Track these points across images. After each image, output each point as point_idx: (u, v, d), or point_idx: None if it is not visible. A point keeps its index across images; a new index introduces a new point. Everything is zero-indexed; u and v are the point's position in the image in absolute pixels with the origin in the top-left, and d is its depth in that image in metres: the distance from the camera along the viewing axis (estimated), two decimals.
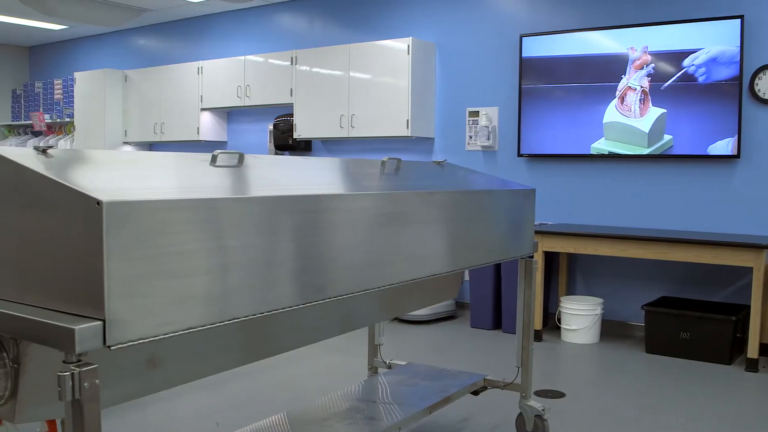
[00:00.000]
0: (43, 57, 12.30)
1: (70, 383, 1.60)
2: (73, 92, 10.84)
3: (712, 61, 6.06)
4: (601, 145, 6.61)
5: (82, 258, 1.67)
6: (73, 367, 1.62)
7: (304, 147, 8.53)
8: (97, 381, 1.64)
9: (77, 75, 10.47)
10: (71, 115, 10.89)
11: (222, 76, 8.91)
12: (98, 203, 1.63)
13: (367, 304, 3.49)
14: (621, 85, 6.49)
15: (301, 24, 8.74)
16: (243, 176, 2.31)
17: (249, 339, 2.77)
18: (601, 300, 6.42)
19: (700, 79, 6.09)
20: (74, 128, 10.64)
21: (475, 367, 5.39)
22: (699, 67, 6.10)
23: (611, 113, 6.55)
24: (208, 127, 9.27)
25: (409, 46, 7.33)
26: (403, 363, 4.36)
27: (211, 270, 1.91)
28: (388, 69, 7.49)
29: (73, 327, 1.60)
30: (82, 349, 1.61)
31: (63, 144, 10.94)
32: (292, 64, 8.23)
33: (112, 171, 2.01)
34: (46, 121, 11.36)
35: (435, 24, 7.67)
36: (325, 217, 2.33)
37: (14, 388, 1.93)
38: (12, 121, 12.25)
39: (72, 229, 1.69)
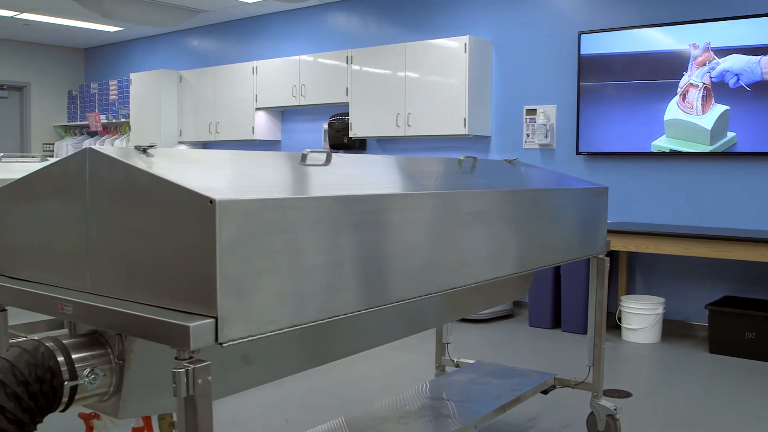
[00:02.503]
0: (98, 58, 12.49)
1: (185, 380, 1.62)
2: (127, 93, 10.99)
3: None
4: (662, 143, 6.53)
5: (193, 256, 1.69)
6: (186, 364, 1.64)
7: (359, 146, 8.55)
8: (209, 378, 1.66)
9: (133, 76, 10.60)
10: (126, 116, 11.04)
11: (277, 76, 8.97)
12: (211, 202, 1.65)
13: (436, 305, 3.49)
14: (682, 82, 6.41)
15: (356, 23, 8.76)
16: (335, 174, 2.32)
17: (326, 339, 2.78)
18: (662, 299, 6.35)
19: (766, 76, 5.99)
20: (130, 128, 10.78)
21: (538, 366, 5.36)
22: (763, 63, 5.99)
23: (672, 110, 6.46)
24: (262, 126, 9.34)
25: (465, 44, 7.31)
26: (472, 361, 4.35)
27: (317, 268, 1.92)
28: (444, 67, 7.48)
29: (188, 324, 1.62)
30: (196, 346, 1.63)
31: (119, 144, 11.09)
32: (347, 63, 8.25)
33: (212, 170, 2.04)
34: (102, 121, 11.52)
35: (491, 22, 7.64)
36: (416, 216, 2.34)
37: (119, 384, 1.96)
38: (68, 121, 12.45)
39: (183, 228, 1.71)
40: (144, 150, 2.00)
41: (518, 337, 6.43)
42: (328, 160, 2.43)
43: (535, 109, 7.33)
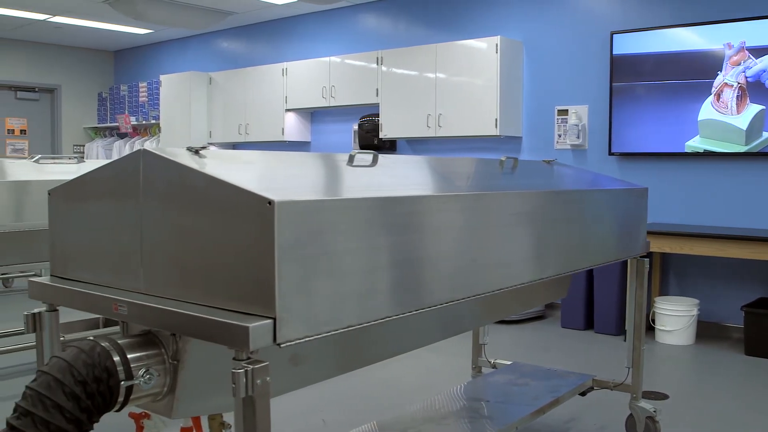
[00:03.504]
0: (127, 61, 12.58)
1: (244, 380, 1.63)
2: (157, 95, 11.07)
3: None
4: (696, 143, 6.48)
5: (251, 257, 1.70)
6: (245, 365, 1.64)
7: (389, 147, 8.56)
8: (268, 378, 1.66)
9: (163, 78, 10.67)
10: (156, 117, 11.11)
11: (306, 77, 8.99)
12: (270, 203, 1.65)
13: (476, 308, 3.48)
14: (717, 82, 6.35)
15: (386, 24, 8.76)
16: (382, 175, 2.33)
17: (366, 342, 2.78)
18: (696, 301, 6.29)
19: None
20: (159, 130, 10.85)
21: (572, 367, 5.33)
22: None
23: (707, 110, 6.41)
24: (292, 127, 9.37)
25: (497, 44, 7.29)
26: (508, 363, 4.34)
27: (370, 269, 1.93)
28: (475, 68, 7.46)
29: (248, 325, 1.62)
30: (255, 347, 1.64)
31: (149, 145, 11.14)
32: (377, 64, 8.26)
33: (263, 171, 2.04)
34: (132, 123, 11.61)
35: (522, 22, 7.61)
36: (463, 217, 2.33)
37: (172, 384, 1.98)
38: (98, 123, 12.55)
39: (241, 229, 1.72)
40: (196, 151, 2.01)
41: (551, 338, 6.40)
42: (374, 162, 2.43)
43: (567, 110, 7.30)
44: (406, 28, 8.57)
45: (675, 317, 6.19)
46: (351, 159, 2.35)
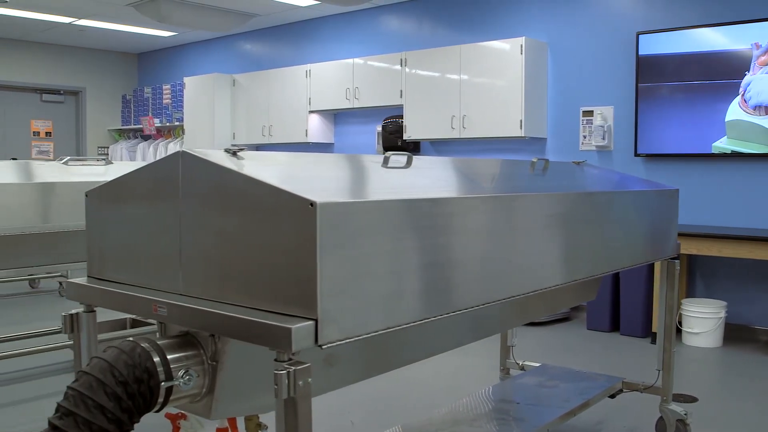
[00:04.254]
0: (151, 63, 12.66)
1: (286, 381, 1.63)
2: (180, 97, 11.12)
3: None
4: (723, 144, 6.43)
5: (292, 258, 1.70)
6: (287, 366, 1.65)
7: (413, 148, 8.55)
8: (309, 379, 1.66)
9: (187, 80, 10.72)
10: (180, 119, 11.17)
11: (330, 79, 9.01)
12: (312, 204, 1.66)
13: (506, 310, 3.47)
14: (744, 82, 6.30)
15: (410, 26, 8.76)
16: (417, 177, 2.32)
17: (396, 344, 2.78)
18: (724, 303, 6.24)
19: None
20: (183, 132, 10.91)
21: (598, 369, 5.30)
22: None
23: (734, 111, 6.36)
24: (315, 129, 9.39)
25: (521, 45, 7.28)
26: (537, 365, 4.32)
27: (408, 270, 1.92)
28: (499, 69, 7.45)
29: (290, 326, 1.63)
30: (297, 348, 1.64)
31: (173, 147, 11.21)
32: (401, 65, 8.26)
33: (300, 172, 2.05)
34: (156, 125, 11.67)
35: (546, 23, 7.59)
36: (498, 218, 2.33)
37: (211, 385, 1.98)
38: (122, 125, 12.64)
39: (282, 230, 1.72)
40: (234, 153, 2.02)
41: (577, 340, 6.38)
42: (409, 163, 2.43)
43: (592, 111, 7.27)
44: (430, 30, 8.56)
45: (702, 319, 6.14)
46: (386, 161, 2.35)
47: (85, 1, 8.96)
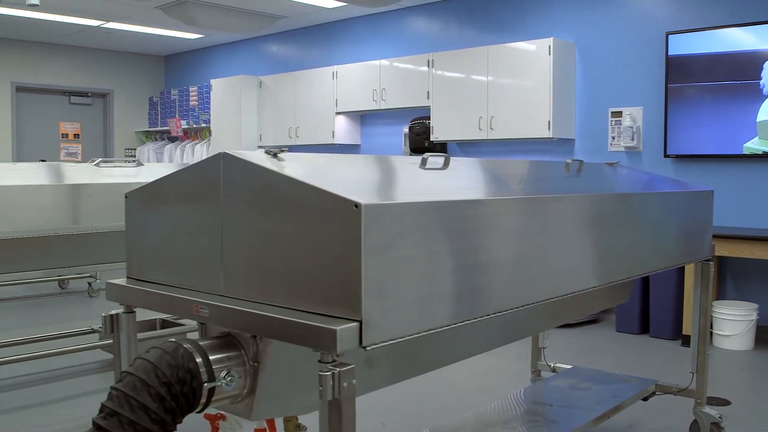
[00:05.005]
0: (178, 65, 12.73)
1: (331, 383, 1.63)
2: (207, 98, 11.18)
3: None
4: (755, 145, 6.37)
5: (336, 260, 1.70)
6: (331, 367, 1.65)
7: (439, 150, 8.54)
8: (354, 381, 1.66)
9: (213, 82, 10.78)
10: (207, 121, 11.22)
11: (357, 80, 9.02)
12: (356, 206, 1.66)
13: (538, 313, 3.46)
14: None
15: (437, 27, 8.76)
16: (454, 178, 2.32)
17: (429, 348, 2.78)
18: (755, 305, 6.18)
19: None
20: (210, 133, 10.96)
21: (629, 372, 5.27)
22: None
23: (766, 111, 6.30)
24: (342, 130, 9.41)
25: (549, 46, 7.25)
26: (568, 367, 4.30)
27: (448, 271, 1.92)
28: (527, 70, 7.42)
29: (335, 328, 1.63)
30: (342, 349, 1.64)
31: (200, 149, 11.27)
32: (428, 67, 8.26)
33: (340, 173, 2.05)
34: (183, 126, 11.74)
35: (574, 24, 7.56)
36: (535, 220, 2.32)
37: (252, 386, 1.99)
38: (149, 127, 12.72)
39: (326, 232, 1.72)
40: (274, 154, 2.02)
41: (606, 342, 6.34)
42: (446, 164, 2.43)
43: (621, 111, 7.23)
44: (457, 31, 8.55)
45: (734, 322, 6.09)
46: (423, 162, 2.35)
47: (113, 4, 9.02)
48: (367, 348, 1.69)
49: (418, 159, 2.40)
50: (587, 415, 3.43)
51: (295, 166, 1.94)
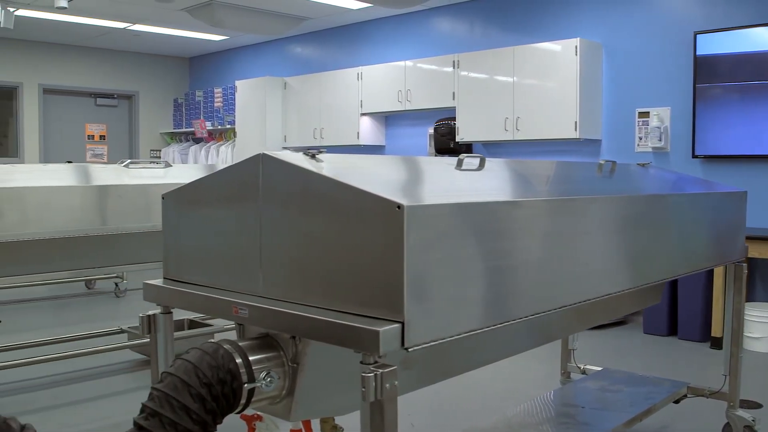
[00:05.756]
0: (202, 67, 12.79)
1: (373, 384, 1.63)
2: (232, 100, 11.22)
3: None
4: None
5: (378, 261, 1.70)
6: (373, 368, 1.64)
7: (464, 150, 8.52)
8: (396, 382, 1.66)
9: (238, 83, 10.82)
10: (231, 122, 11.26)
11: (382, 81, 9.03)
12: (399, 207, 1.65)
13: (569, 315, 3.43)
14: None
15: (462, 28, 8.74)
16: (490, 179, 2.32)
17: (459, 351, 2.76)
18: None
19: None
20: (235, 135, 11.00)
21: (658, 374, 5.23)
22: None
23: None
24: (367, 131, 9.42)
25: (576, 47, 7.22)
26: (598, 369, 4.28)
27: (489, 272, 1.92)
28: (554, 71, 7.40)
29: (378, 329, 1.63)
30: (385, 351, 1.64)
31: (225, 150, 11.31)
32: (454, 68, 8.25)
33: (379, 175, 2.05)
34: (207, 128, 11.79)
35: (601, 24, 7.52)
36: (572, 221, 2.31)
37: (291, 387, 1.99)
38: (174, 128, 12.79)
39: (367, 233, 1.72)
40: (313, 155, 2.02)
41: (634, 344, 6.30)
42: (481, 165, 2.42)
43: (648, 112, 7.19)
44: (482, 31, 8.53)
45: (764, 324, 6.03)
46: (459, 163, 2.35)
47: (140, 7, 9.08)
48: (409, 349, 1.68)
49: (453, 160, 2.39)
50: (619, 418, 3.41)
51: (334, 168, 1.94)
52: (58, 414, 4.42)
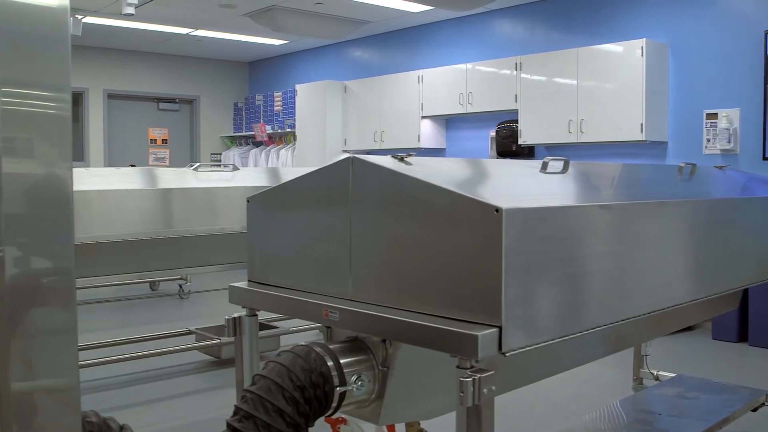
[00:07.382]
0: (262, 71, 12.90)
1: (471, 389, 1.62)
2: (291, 104, 11.30)
3: None
4: None
5: (476, 265, 1.69)
6: (471, 373, 1.63)
7: (527, 153, 8.46)
8: (494, 387, 1.65)
9: (298, 87, 10.89)
10: (291, 126, 11.34)
11: (443, 84, 9.01)
12: (497, 210, 1.64)
13: (648, 321, 3.37)
14: None
15: (523, 30, 8.68)
16: (575, 182, 2.29)
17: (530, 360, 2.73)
18: None
19: None
20: (294, 138, 11.07)
21: (732, 381, 5.13)
22: None
23: None
24: (427, 134, 9.41)
25: (642, 48, 7.12)
26: (671, 375, 4.21)
27: (583, 276, 1.89)
28: (619, 72, 7.30)
29: (477, 333, 1.62)
30: (483, 355, 1.63)
31: (284, 153, 11.39)
32: (516, 70, 8.20)
33: (469, 178, 2.04)
34: (267, 131, 11.88)
35: (667, 24, 7.40)
36: (659, 225, 2.27)
37: (381, 391, 1.99)
38: (234, 132, 12.92)
39: (464, 236, 1.71)
40: (401, 159, 2.02)
41: (703, 350, 6.18)
42: (565, 168, 2.39)
43: (717, 113, 7.05)
44: (544, 33, 8.46)
45: None
46: (544, 166, 2.32)
47: (203, 12, 9.19)
48: (507, 354, 1.67)
49: (537, 163, 2.37)
50: (698, 426, 3.34)
51: (425, 171, 1.94)
52: (133, 413, 4.49)
